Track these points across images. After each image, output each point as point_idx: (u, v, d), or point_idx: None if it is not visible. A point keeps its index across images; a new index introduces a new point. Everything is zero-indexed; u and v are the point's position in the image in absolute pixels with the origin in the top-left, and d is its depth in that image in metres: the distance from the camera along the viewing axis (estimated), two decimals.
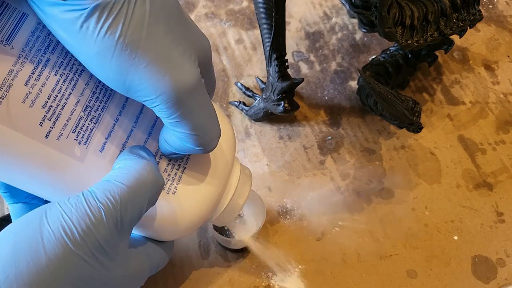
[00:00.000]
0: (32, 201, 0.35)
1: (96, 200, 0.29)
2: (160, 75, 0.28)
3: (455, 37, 0.53)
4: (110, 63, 0.27)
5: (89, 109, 0.32)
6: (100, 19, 0.26)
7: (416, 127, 0.48)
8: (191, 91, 0.29)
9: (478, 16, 0.51)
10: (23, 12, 0.30)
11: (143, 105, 0.34)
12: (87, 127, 0.32)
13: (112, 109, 0.33)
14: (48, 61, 0.30)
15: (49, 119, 0.30)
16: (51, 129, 0.30)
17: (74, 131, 0.31)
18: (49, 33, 0.30)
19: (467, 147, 0.52)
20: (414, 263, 0.46)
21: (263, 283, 0.45)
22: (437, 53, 0.55)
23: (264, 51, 0.50)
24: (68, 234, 0.28)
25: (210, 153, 0.35)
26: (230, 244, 0.45)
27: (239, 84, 0.56)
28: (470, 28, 0.52)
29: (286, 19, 0.59)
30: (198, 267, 0.46)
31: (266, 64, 0.50)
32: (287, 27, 0.60)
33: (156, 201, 0.32)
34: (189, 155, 0.35)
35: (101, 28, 0.27)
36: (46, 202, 0.37)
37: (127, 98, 0.33)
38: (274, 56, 0.49)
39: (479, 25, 0.61)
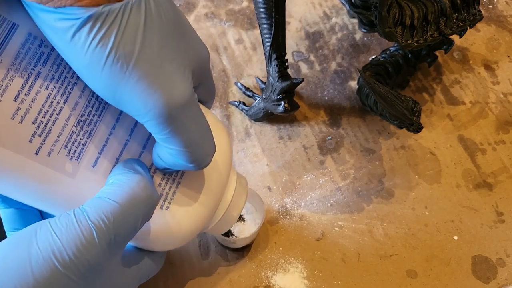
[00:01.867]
0: (24, 207, 0.35)
1: (88, 220, 0.28)
2: (151, 90, 0.27)
3: (455, 37, 0.53)
4: (100, 75, 0.27)
5: (81, 123, 0.31)
6: (92, 30, 0.26)
7: (416, 127, 0.48)
8: (183, 107, 0.28)
9: (478, 16, 0.51)
10: (13, 23, 0.28)
11: None
12: (79, 142, 0.31)
13: (106, 122, 0.32)
14: (39, 75, 0.29)
15: (40, 135, 0.29)
16: (41, 145, 0.29)
17: (65, 147, 0.30)
18: (40, 45, 0.29)
19: (467, 147, 0.52)
20: (414, 263, 0.46)
21: (263, 283, 0.45)
22: (437, 53, 0.55)
23: (264, 51, 0.50)
24: (57, 256, 0.27)
25: (205, 168, 0.34)
26: (230, 243, 0.45)
27: (239, 84, 0.56)
28: (470, 28, 0.52)
29: (286, 19, 0.59)
30: (198, 267, 0.46)
31: (266, 64, 0.50)
32: (287, 27, 0.60)
33: (151, 216, 0.31)
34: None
35: (92, 40, 0.26)
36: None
37: (122, 111, 0.32)
38: (274, 56, 0.49)
39: (479, 25, 0.61)
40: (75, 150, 0.31)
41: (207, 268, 0.46)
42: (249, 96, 0.55)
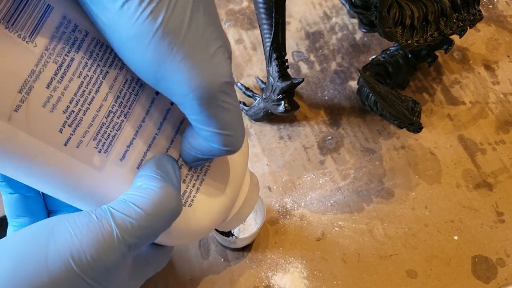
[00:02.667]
0: (29, 194, 0.34)
1: (112, 224, 0.28)
2: (196, 70, 0.26)
3: (455, 37, 0.53)
4: (145, 50, 0.26)
5: (112, 115, 0.30)
6: (144, 1, 0.25)
7: (416, 127, 0.48)
8: (225, 87, 0.27)
9: (478, 16, 0.51)
10: (48, 4, 0.27)
11: (168, 110, 0.32)
12: (109, 134, 0.30)
13: (136, 115, 0.31)
14: (73, 61, 0.28)
15: (70, 125, 0.28)
16: (71, 136, 0.28)
17: (95, 139, 0.29)
18: (74, 29, 0.28)
19: (467, 147, 0.52)
20: (414, 263, 0.46)
21: (263, 283, 0.45)
22: (437, 53, 0.55)
23: (264, 51, 0.50)
24: (75, 258, 0.27)
25: (228, 163, 0.34)
26: (230, 243, 0.45)
27: (239, 84, 0.56)
28: (470, 28, 0.52)
29: (286, 19, 0.59)
30: (198, 267, 0.46)
31: (266, 64, 0.50)
32: (287, 27, 0.60)
33: (170, 225, 0.31)
34: (208, 165, 0.34)
35: (143, 11, 0.25)
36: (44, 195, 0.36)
37: (152, 103, 0.31)
38: (274, 56, 0.49)
39: (479, 25, 0.61)
40: (104, 143, 0.30)
41: (207, 268, 0.46)
42: (249, 96, 0.55)
